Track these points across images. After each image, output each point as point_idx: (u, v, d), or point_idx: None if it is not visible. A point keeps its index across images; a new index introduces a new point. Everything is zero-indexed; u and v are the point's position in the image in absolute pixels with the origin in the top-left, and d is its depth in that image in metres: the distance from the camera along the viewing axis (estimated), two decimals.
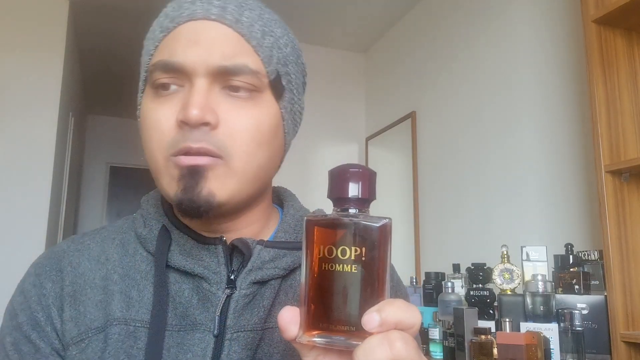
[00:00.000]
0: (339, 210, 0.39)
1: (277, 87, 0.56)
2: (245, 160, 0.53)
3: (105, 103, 5.09)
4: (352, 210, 0.38)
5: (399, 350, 0.34)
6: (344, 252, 0.37)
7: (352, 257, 0.37)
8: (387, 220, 0.38)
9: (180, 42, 0.53)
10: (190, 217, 0.54)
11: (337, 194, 0.39)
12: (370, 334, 0.35)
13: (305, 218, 0.39)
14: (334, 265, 0.37)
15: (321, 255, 0.37)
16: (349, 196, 0.38)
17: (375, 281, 0.37)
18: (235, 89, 0.53)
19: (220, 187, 0.52)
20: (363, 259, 0.37)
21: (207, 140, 0.51)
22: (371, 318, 0.35)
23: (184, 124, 0.51)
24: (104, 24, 3.49)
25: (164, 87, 0.53)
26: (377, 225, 0.37)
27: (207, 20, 0.53)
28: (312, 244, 0.38)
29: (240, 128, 0.52)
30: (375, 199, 0.39)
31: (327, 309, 0.37)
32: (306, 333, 0.38)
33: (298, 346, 0.40)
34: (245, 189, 0.54)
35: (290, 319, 0.39)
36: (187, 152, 0.51)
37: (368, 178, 0.39)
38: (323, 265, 0.37)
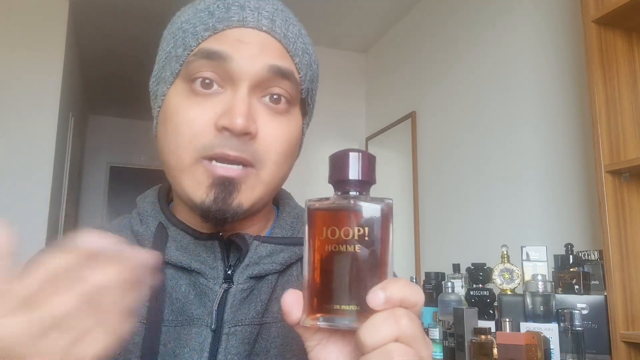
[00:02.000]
0: (340, 193, 0.39)
1: (305, 104, 0.59)
2: (273, 171, 0.54)
3: (106, 103, 5.09)
4: (352, 193, 0.39)
5: (404, 326, 0.34)
6: (346, 233, 0.37)
7: (356, 237, 0.37)
8: (389, 200, 0.38)
9: (229, 41, 0.53)
10: (214, 224, 0.55)
11: (338, 177, 0.39)
12: (374, 313, 0.35)
13: (307, 201, 0.39)
14: (337, 246, 0.37)
15: (324, 237, 0.38)
16: (350, 178, 0.38)
17: (378, 261, 0.37)
18: (276, 99, 0.54)
19: (248, 196, 0.53)
20: (366, 239, 0.37)
21: (244, 150, 0.51)
22: (376, 295, 0.35)
23: (226, 130, 0.50)
24: (105, 23, 3.49)
25: (203, 83, 0.52)
26: (379, 205, 0.38)
27: (256, 30, 0.53)
28: (314, 226, 0.38)
29: (275, 140, 0.53)
30: (375, 182, 0.40)
31: (331, 290, 0.37)
32: (310, 316, 0.38)
33: (301, 331, 0.40)
34: (266, 196, 0.56)
35: (293, 302, 0.39)
36: (223, 159, 0.51)
37: (368, 161, 0.39)
38: (326, 247, 0.37)
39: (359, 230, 0.37)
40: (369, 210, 0.38)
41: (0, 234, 0.35)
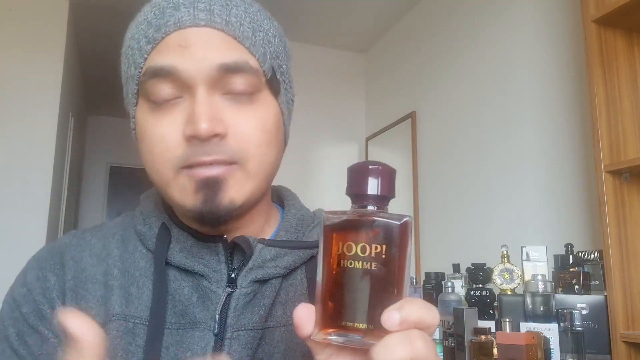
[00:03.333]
0: (357, 207, 0.38)
1: (273, 84, 0.56)
2: (259, 162, 0.53)
3: (106, 103, 5.09)
4: (370, 208, 0.38)
5: (419, 349, 0.34)
6: (364, 250, 0.36)
7: (372, 255, 0.36)
8: (408, 217, 0.37)
9: (171, 49, 0.51)
10: (210, 226, 0.54)
11: (357, 191, 0.38)
12: (387, 332, 0.34)
13: (324, 213, 0.39)
14: (353, 262, 0.36)
15: (340, 252, 0.37)
16: (368, 193, 0.38)
17: (394, 279, 0.36)
18: (237, 92, 0.52)
19: (239, 191, 0.52)
20: (383, 256, 0.36)
21: (218, 152, 0.50)
22: (391, 316, 0.34)
23: (194, 138, 0.50)
24: (105, 24, 3.49)
25: (161, 97, 0.51)
26: (399, 222, 0.37)
27: (195, 27, 0.51)
28: (330, 240, 0.38)
29: (249, 132, 0.52)
30: (394, 197, 0.39)
31: (345, 307, 0.36)
32: (322, 331, 0.37)
33: (311, 344, 0.39)
34: (259, 188, 0.54)
35: (306, 316, 0.38)
36: (201, 165, 0.50)
37: (388, 175, 0.38)
38: (342, 262, 0.37)
39: (376, 248, 0.36)
40: (389, 227, 0.37)
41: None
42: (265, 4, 0.59)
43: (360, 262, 0.36)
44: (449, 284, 1.88)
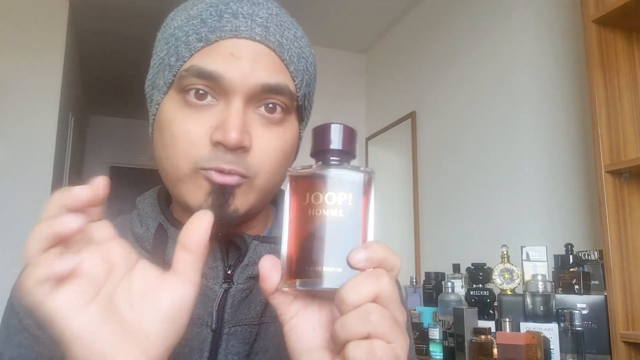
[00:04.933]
0: (321, 163, 0.40)
1: (302, 110, 0.58)
2: (267, 180, 0.54)
3: (106, 103, 5.09)
4: (334, 161, 0.40)
5: (385, 285, 0.35)
6: (330, 198, 0.38)
7: (339, 203, 0.38)
8: (371, 170, 0.40)
9: (222, 56, 0.52)
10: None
11: (320, 147, 0.40)
12: (355, 275, 0.36)
13: (290, 169, 0.40)
14: (320, 211, 0.38)
15: (307, 202, 0.38)
16: (332, 147, 0.40)
17: (360, 225, 0.38)
18: (272, 109, 0.53)
19: (243, 202, 0.53)
20: (349, 204, 0.38)
21: (239, 164, 0.51)
22: (358, 252, 0.36)
23: (221, 145, 0.51)
24: (105, 24, 3.49)
25: (197, 94, 0.52)
26: (362, 173, 0.39)
27: (250, 40, 0.52)
28: (297, 191, 0.39)
29: (270, 152, 0.54)
30: (355, 157, 0.41)
31: (312, 253, 0.37)
32: (288, 280, 0.38)
33: (277, 302, 0.40)
34: (261, 202, 0.56)
35: (272, 267, 0.39)
36: (219, 172, 0.51)
37: (349, 132, 0.41)
38: (309, 211, 0.38)
39: (343, 196, 0.38)
40: (353, 177, 0.39)
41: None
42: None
43: (328, 210, 0.38)
44: (449, 284, 1.88)
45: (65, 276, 0.34)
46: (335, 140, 0.40)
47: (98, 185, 0.39)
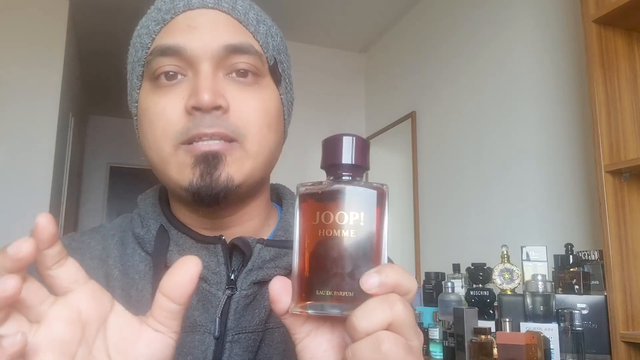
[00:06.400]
0: (332, 178, 0.38)
1: (275, 73, 0.57)
2: (259, 143, 0.53)
3: (106, 103, 5.09)
4: (346, 177, 0.38)
5: (398, 312, 0.33)
6: (341, 218, 0.36)
7: (351, 223, 0.36)
8: (384, 186, 0.37)
9: (179, 29, 0.52)
10: (207, 205, 0.53)
11: (331, 161, 0.38)
12: (368, 299, 0.34)
13: (299, 185, 0.39)
14: (331, 231, 0.36)
15: (317, 221, 0.36)
16: (343, 162, 0.38)
17: (373, 246, 0.36)
18: (242, 73, 0.53)
19: (237, 169, 0.52)
20: (361, 224, 0.36)
21: (220, 125, 0.50)
22: (371, 277, 0.34)
23: (196, 110, 0.50)
24: (105, 24, 3.49)
25: (166, 76, 0.52)
26: (375, 190, 0.37)
27: (204, 9, 0.53)
28: (306, 211, 0.37)
29: (250, 111, 0.53)
30: (369, 168, 0.39)
31: (323, 276, 0.36)
32: (300, 304, 0.36)
33: (289, 322, 0.39)
34: (258, 171, 0.54)
35: (283, 289, 0.37)
36: (201, 139, 0.50)
37: (361, 145, 0.38)
38: (320, 232, 0.36)
39: (354, 215, 0.36)
40: (365, 194, 0.37)
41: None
42: (265, 4, 0.60)
43: (339, 230, 0.36)
44: (449, 284, 1.88)
45: (18, 355, 0.30)
46: (347, 154, 0.38)
47: (41, 228, 0.34)
